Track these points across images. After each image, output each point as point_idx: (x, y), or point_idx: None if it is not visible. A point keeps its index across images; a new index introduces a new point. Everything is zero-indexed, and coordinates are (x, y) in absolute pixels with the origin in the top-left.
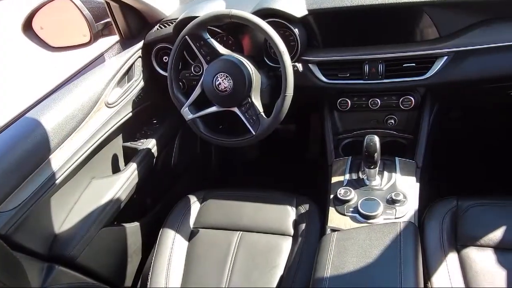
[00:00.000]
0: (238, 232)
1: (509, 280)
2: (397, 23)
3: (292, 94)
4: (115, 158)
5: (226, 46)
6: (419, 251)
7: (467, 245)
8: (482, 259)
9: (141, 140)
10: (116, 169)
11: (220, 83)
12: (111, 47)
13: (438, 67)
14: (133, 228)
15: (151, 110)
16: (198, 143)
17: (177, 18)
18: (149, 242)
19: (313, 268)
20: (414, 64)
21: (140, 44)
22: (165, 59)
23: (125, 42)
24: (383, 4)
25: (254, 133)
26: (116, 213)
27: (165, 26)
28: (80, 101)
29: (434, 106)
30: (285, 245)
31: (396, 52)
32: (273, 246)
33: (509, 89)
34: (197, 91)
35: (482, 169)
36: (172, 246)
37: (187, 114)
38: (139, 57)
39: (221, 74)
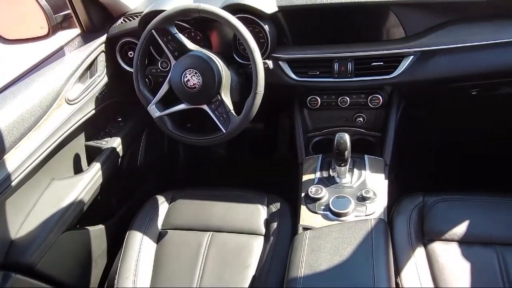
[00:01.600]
0: (209, 232)
1: (473, 272)
2: (366, 22)
3: (263, 92)
4: (77, 158)
5: (193, 41)
6: (390, 247)
7: (433, 239)
8: (447, 252)
9: (105, 139)
10: (78, 170)
11: (189, 80)
12: (71, 41)
13: (405, 66)
14: (97, 231)
15: (116, 107)
16: (165, 142)
17: (142, 12)
18: (115, 245)
19: (286, 267)
20: (382, 63)
21: (103, 38)
22: (130, 54)
23: (87, 36)
24: (351, 3)
25: (224, 131)
26: (79, 216)
27: (129, 20)
28: (38, 97)
29: (401, 104)
30: (257, 245)
31: (365, 50)
32: (245, 246)
33: (472, 88)
34: (164, 88)
35: (447, 166)
36: (140, 249)
37: (154, 111)
38: (102, 51)
39: (190, 71)
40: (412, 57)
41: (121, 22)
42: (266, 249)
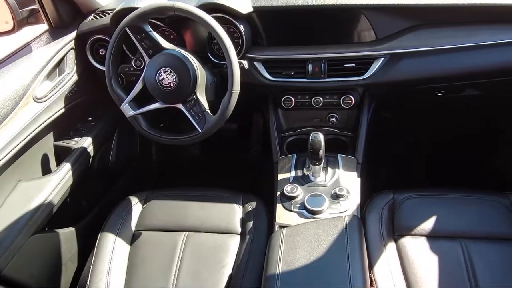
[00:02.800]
0: (184, 232)
1: (440, 265)
2: (339, 25)
3: (238, 91)
4: (45, 158)
5: (167, 40)
6: (364, 242)
7: (403, 234)
8: (416, 247)
9: (75, 139)
10: (46, 171)
11: (163, 78)
12: (38, 37)
13: (376, 68)
14: (67, 234)
15: (86, 106)
16: (137, 142)
17: (114, 9)
18: (86, 248)
19: (263, 265)
20: (354, 65)
21: (73, 34)
22: (102, 52)
23: (55, 32)
24: (324, 5)
25: (200, 131)
26: (48, 218)
27: (100, 17)
28: (4, 94)
29: (372, 105)
30: (233, 244)
31: (337, 52)
32: (221, 245)
33: (437, 90)
34: (138, 86)
35: (416, 164)
36: (113, 250)
37: (127, 110)
38: (72, 48)
39: (165, 69)
40: (382, 59)
41: (92, 19)
42: (243, 248)
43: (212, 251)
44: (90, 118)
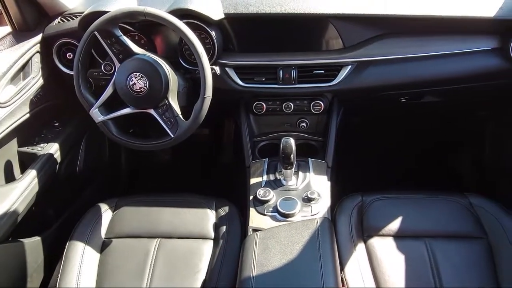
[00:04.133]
0: (156, 239)
1: (406, 263)
2: (308, 33)
3: (211, 97)
4: (8, 165)
5: (138, 45)
6: (335, 244)
7: (372, 235)
8: (384, 247)
9: (41, 145)
10: (10, 178)
11: (134, 83)
12: (1, 40)
13: (344, 75)
14: (33, 244)
15: (53, 111)
16: (106, 147)
17: (82, 12)
18: (54, 258)
19: (237, 269)
20: (323, 71)
21: (38, 37)
22: (69, 55)
23: (19, 35)
24: (293, 14)
25: (172, 136)
26: (12, 228)
27: (67, 20)
28: None
29: (340, 110)
30: (206, 249)
31: (307, 59)
32: (194, 251)
33: (401, 96)
34: (108, 91)
35: (382, 167)
36: (82, 260)
37: (97, 115)
38: (37, 52)
39: (136, 74)
40: (350, 66)
41: (58, 22)
42: (216, 253)
43: (185, 256)
44: (57, 124)
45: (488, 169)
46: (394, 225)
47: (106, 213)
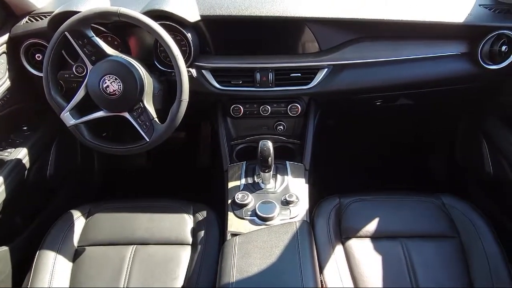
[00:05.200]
0: (132, 246)
1: (383, 263)
2: (285, 36)
3: (187, 100)
4: None
5: (111, 47)
6: (314, 246)
7: (350, 237)
8: (361, 248)
9: (8, 150)
10: None
11: (108, 86)
12: None
13: (320, 78)
14: (0, 253)
15: (21, 114)
16: (78, 152)
17: (51, 12)
18: (22, 269)
19: (216, 274)
20: (300, 74)
21: (5, 38)
22: (38, 57)
23: None
24: (270, 17)
25: (148, 140)
26: None
27: (36, 20)
28: None
29: (317, 113)
30: (184, 255)
31: (284, 62)
32: (172, 257)
33: (376, 99)
34: (80, 94)
35: (359, 169)
36: (53, 269)
37: (68, 119)
38: (3, 53)
39: (110, 76)
40: (326, 69)
41: (26, 22)
42: (194, 258)
43: (162, 263)
44: (25, 128)
45: (460, 169)
46: (371, 226)
47: (79, 220)
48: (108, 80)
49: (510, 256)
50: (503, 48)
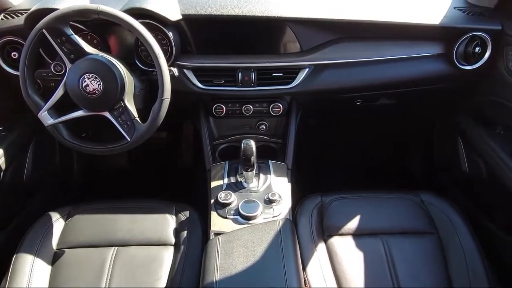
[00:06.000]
0: (113, 247)
1: (365, 260)
2: (267, 36)
3: (169, 99)
4: None
5: (90, 45)
6: (297, 244)
7: (332, 234)
8: (343, 245)
9: None
10: None
11: (87, 85)
12: None
13: (302, 78)
14: None
15: None
16: (57, 153)
17: (28, 9)
18: None
19: (199, 274)
20: (281, 74)
21: None
22: (14, 55)
23: None
24: (251, 17)
25: (129, 139)
26: None
27: (12, 17)
28: None
29: (299, 113)
30: (167, 255)
31: (266, 62)
32: (154, 258)
33: (356, 99)
34: (58, 93)
35: (340, 167)
36: (31, 273)
37: (46, 118)
38: None
39: (89, 75)
40: (307, 69)
41: (2, 19)
42: (177, 259)
43: (144, 264)
44: (1, 128)
45: (437, 167)
46: (353, 224)
47: (58, 223)
48: (88, 79)
49: (486, 250)
50: (477, 49)
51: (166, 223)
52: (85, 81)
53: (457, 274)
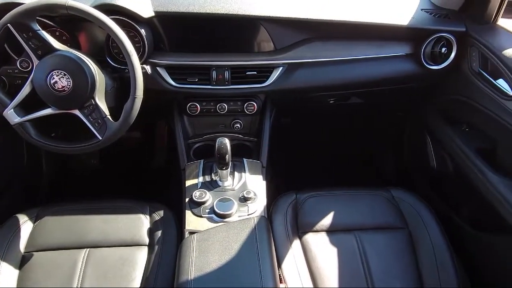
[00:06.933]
0: (84, 249)
1: (339, 256)
2: (241, 34)
3: (142, 97)
4: None
5: (59, 41)
6: (272, 242)
7: (306, 231)
8: (318, 242)
9: None
10: None
11: (56, 82)
12: None
13: (275, 76)
14: None
15: None
16: (24, 152)
17: None
18: None
19: (175, 273)
20: (255, 72)
21: None
22: None
23: None
24: (224, 15)
25: (100, 138)
26: None
27: None
28: None
29: (273, 111)
30: (141, 256)
31: (240, 60)
32: (127, 259)
33: (329, 97)
34: (25, 90)
35: (314, 165)
36: None
37: (12, 117)
38: None
39: (58, 72)
40: (281, 68)
41: None
42: (151, 259)
43: (117, 266)
44: None
45: (407, 164)
46: (327, 221)
47: (26, 225)
48: (57, 76)
49: (453, 243)
50: (443, 50)
51: (140, 223)
52: (53, 78)
53: (426, 265)
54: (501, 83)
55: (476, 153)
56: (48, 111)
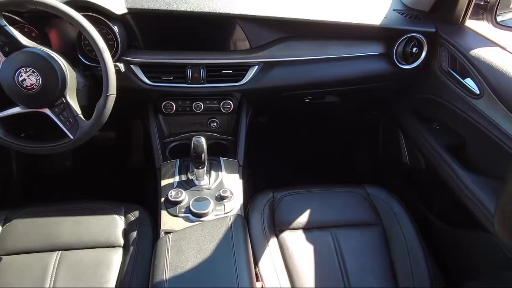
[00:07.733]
0: (56, 252)
1: (315, 253)
2: (216, 32)
3: (115, 94)
4: None
5: (28, 38)
6: (248, 240)
7: (283, 229)
8: (294, 239)
9: None
10: None
11: (24, 79)
12: None
13: (251, 75)
14: None
15: None
16: None
17: None
18: None
19: (150, 273)
20: (231, 71)
21: None
22: None
23: None
24: (199, 13)
25: (72, 137)
26: None
27: None
28: None
29: (249, 110)
30: (116, 258)
31: (215, 59)
32: (102, 261)
33: (305, 96)
34: None
35: (291, 163)
36: None
37: None
38: None
39: (26, 69)
40: (256, 67)
41: None
42: (126, 260)
43: (91, 268)
44: None
45: (382, 161)
46: (303, 218)
47: None
48: (25, 73)
49: (424, 236)
50: (414, 49)
51: (114, 224)
52: (21, 75)
53: (400, 259)
54: (469, 82)
55: (446, 150)
56: (16, 109)
